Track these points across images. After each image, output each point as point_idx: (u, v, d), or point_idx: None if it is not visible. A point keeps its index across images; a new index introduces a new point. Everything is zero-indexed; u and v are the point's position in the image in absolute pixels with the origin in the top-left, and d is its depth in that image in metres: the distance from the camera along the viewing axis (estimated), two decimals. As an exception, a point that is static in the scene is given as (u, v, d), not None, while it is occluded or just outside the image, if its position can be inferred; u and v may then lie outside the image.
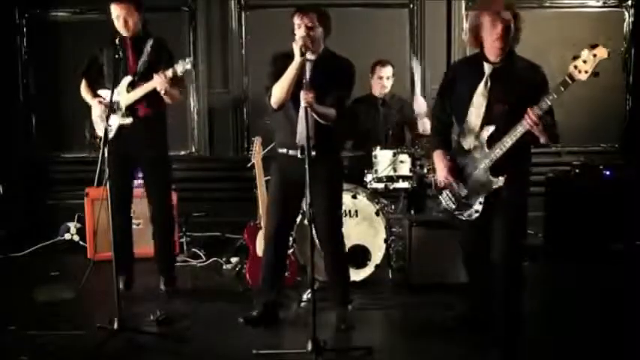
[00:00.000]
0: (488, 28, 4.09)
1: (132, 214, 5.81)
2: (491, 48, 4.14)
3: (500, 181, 4.14)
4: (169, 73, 5.22)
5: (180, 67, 5.24)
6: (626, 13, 8.34)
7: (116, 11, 5.34)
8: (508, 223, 4.21)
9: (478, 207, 4.27)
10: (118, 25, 5.35)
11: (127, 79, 5.41)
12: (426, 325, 4.96)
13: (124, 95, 5.39)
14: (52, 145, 8.32)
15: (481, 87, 4.18)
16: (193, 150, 8.50)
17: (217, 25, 8.33)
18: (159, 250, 5.76)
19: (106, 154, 4.56)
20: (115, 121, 5.41)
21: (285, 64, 4.55)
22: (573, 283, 6.10)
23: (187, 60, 5.29)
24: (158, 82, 5.22)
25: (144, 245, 5.96)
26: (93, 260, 5.89)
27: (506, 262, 4.18)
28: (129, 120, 5.41)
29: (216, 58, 8.36)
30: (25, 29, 8.26)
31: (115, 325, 4.54)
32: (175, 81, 5.32)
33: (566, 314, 5.21)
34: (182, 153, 8.39)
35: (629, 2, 8.33)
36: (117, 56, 5.13)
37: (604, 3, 8.37)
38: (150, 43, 5.47)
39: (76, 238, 7.50)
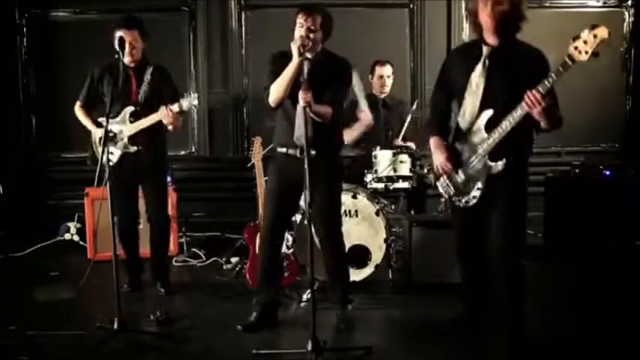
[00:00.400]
0: (482, 7, 4.01)
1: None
2: (487, 27, 4.04)
3: (499, 165, 4.05)
4: (175, 108, 5.30)
5: (186, 104, 5.32)
6: (626, 13, 8.37)
7: (123, 37, 5.33)
8: (507, 215, 4.13)
9: (476, 193, 4.18)
10: (124, 51, 5.31)
11: (130, 109, 5.46)
12: (425, 325, 4.95)
13: (127, 125, 5.45)
14: (52, 145, 8.32)
15: (479, 67, 4.09)
16: (193, 150, 8.52)
17: (217, 25, 8.35)
18: (156, 260, 5.83)
19: (105, 154, 4.57)
20: (119, 150, 5.49)
21: (283, 64, 4.55)
22: (573, 284, 6.09)
23: (193, 96, 5.35)
24: (164, 115, 5.30)
25: (144, 245, 5.95)
26: (93, 260, 5.88)
27: (505, 255, 4.13)
28: (133, 149, 5.49)
29: (216, 58, 8.37)
30: (25, 29, 8.28)
31: (115, 325, 4.53)
32: (180, 113, 5.39)
33: (566, 314, 5.21)
34: (182, 153, 8.41)
35: (629, 2, 8.34)
36: (118, 83, 5.27)
37: (604, 3, 8.39)
38: (149, 70, 5.52)
39: (76, 238, 7.51)
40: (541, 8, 8.30)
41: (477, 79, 4.10)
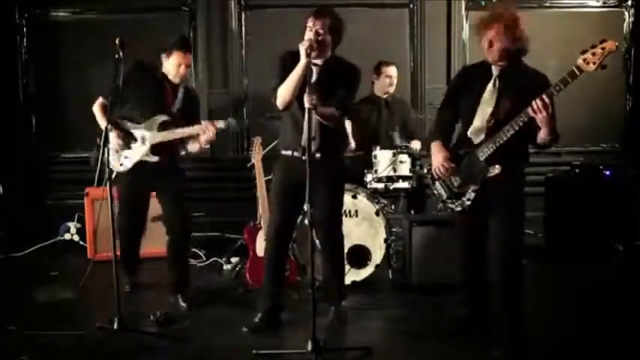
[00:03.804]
0: (487, 35, 4.23)
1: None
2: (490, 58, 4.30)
3: (496, 169, 4.20)
4: (220, 124, 5.18)
5: (233, 123, 5.24)
6: (626, 13, 8.37)
7: (180, 59, 5.27)
8: (505, 217, 4.24)
9: (470, 195, 4.32)
10: (177, 71, 5.28)
11: (162, 117, 5.26)
12: (426, 325, 4.94)
13: (153, 133, 5.25)
14: (52, 145, 8.30)
15: (490, 86, 4.29)
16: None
17: (217, 25, 8.34)
18: (177, 274, 5.49)
19: (106, 154, 4.56)
20: (136, 154, 5.29)
21: (292, 64, 4.52)
22: (573, 284, 6.10)
23: (235, 120, 5.31)
24: (203, 130, 5.15)
25: (145, 245, 5.92)
26: (93, 260, 5.88)
27: (504, 256, 4.21)
28: (154, 158, 5.28)
29: (216, 58, 8.36)
30: (25, 29, 8.27)
31: (115, 325, 4.52)
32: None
33: (566, 314, 5.22)
34: (182, 153, 8.34)
35: (629, 2, 8.34)
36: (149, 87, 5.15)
37: (604, 3, 8.39)
38: (182, 90, 5.41)
39: (76, 238, 7.51)
40: (541, 8, 8.30)
41: (488, 96, 4.29)
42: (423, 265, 5.75)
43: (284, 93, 4.55)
